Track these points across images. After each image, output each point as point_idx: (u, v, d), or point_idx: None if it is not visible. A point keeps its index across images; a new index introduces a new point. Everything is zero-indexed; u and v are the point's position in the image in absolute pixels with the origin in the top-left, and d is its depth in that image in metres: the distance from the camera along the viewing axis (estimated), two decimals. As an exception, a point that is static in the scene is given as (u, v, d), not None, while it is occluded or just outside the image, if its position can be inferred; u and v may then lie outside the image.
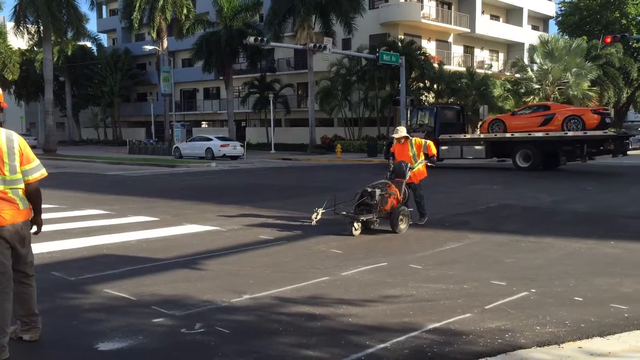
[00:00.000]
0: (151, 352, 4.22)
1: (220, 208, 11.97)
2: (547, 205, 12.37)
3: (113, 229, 9.37)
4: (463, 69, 42.35)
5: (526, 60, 45.51)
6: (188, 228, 9.55)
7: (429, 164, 10.30)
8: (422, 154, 10.01)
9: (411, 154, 9.94)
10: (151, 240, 8.54)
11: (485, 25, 47.26)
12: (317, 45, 29.30)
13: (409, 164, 9.81)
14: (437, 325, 4.76)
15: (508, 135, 22.48)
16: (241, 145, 32.93)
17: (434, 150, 10.12)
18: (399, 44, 37.47)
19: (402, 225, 9.15)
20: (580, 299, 5.48)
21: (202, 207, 12.22)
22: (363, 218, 8.91)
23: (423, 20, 42.04)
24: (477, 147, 23.05)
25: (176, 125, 40.45)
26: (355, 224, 8.84)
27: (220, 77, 43.67)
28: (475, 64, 45.97)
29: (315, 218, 9.12)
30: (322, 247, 8.01)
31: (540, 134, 21.65)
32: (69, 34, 41.60)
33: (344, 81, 39.53)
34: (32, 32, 39.84)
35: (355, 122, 41.47)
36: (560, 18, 57.29)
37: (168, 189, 16.66)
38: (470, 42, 48.09)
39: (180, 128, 40.55)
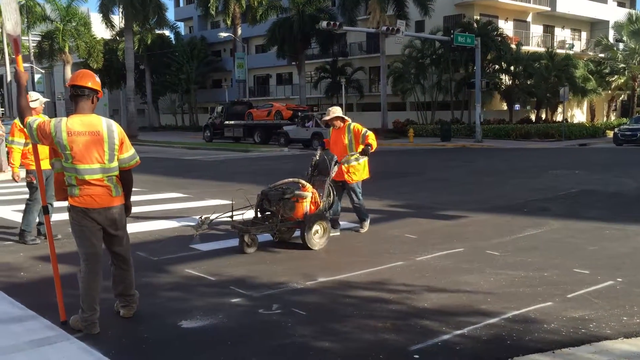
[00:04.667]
0: (231, 331, 4.35)
1: (294, 192, 12.09)
2: (633, 192, 11.76)
3: (191, 212, 9.68)
4: (542, 49, 40.71)
5: (611, 39, 43.27)
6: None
7: (362, 155, 7.74)
8: (360, 145, 7.63)
9: (346, 142, 7.73)
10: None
11: (567, 3, 45.04)
12: (390, 28, 28.91)
13: (335, 157, 7.53)
14: (516, 313, 4.64)
15: (250, 122, 33.83)
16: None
17: (372, 141, 7.57)
18: (475, 24, 36.43)
19: (318, 238, 6.93)
20: (671, 290, 5.20)
21: (276, 191, 12.38)
22: (254, 231, 6.73)
23: (500, 0, 40.62)
24: (241, 130, 34.26)
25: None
26: (246, 238, 6.67)
27: (293, 63, 43.94)
28: (555, 44, 44.04)
29: (198, 230, 6.66)
30: (395, 232, 7.97)
31: (258, 122, 33.46)
32: (150, 23, 43.07)
33: (417, 64, 38.89)
34: (116, 22, 41.40)
35: (428, 106, 40.77)
36: (649, -7, 53.96)
37: (242, 173, 17.01)
38: (551, 21, 46.05)
39: (253, 113, 41.34)
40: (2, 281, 5.67)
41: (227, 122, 35.32)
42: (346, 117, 7.83)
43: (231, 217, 6.97)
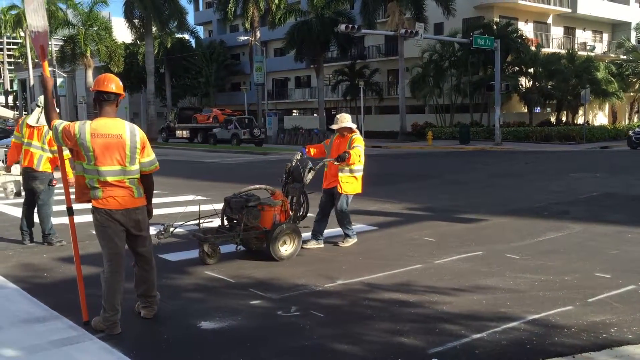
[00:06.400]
0: (250, 332, 4.39)
1: (311, 195, 12.12)
2: (657, 195, 11.60)
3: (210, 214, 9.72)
4: (563, 51, 40.29)
5: (633, 41, 42.70)
6: (282, 214, 9.74)
7: (336, 162, 7.18)
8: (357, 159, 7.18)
9: None
10: (247, 225, 8.78)
11: (588, 4, 44.50)
12: (409, 31, 28.85)
13: (310, 164, 7.17)
14: (536, 317, 4.61)
15: (195, 125, 40.02)
16: None
17: (353, 154, 7.05)
18: (494, 27, 36.19)
19: (285, 250, 6.55)
20: (695, 295, 5.13)
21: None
22: (214, 240, 6.41)
23: (520, 1, 40.26)
24: (188, 131, 40.40)
25: (268, 114, 41.44)
26: (206, 248, 6.34)
27: (311, 66, 44.02)
28: (576, 46, 43.55)
29: (160, 239, 6.30)
30: (414, 235, 7.96)
31: (200, 125, 39.60)
32: (171, 27, 43.57)
33: (436, 67, 38.73)
34: (138, 25, 41.96)
35: (447, 109, 40.54)
36: (673, -7, 53.16)
37: (260, 175, 17.06)
38: (571, 23, 45.54)
39: (272, 116, 41.50)
40: (26, 282, 5.77)
41: (177, 124, 41.65)
42: (354, 128, 7.37)
43: (198, 224, 6.72)
